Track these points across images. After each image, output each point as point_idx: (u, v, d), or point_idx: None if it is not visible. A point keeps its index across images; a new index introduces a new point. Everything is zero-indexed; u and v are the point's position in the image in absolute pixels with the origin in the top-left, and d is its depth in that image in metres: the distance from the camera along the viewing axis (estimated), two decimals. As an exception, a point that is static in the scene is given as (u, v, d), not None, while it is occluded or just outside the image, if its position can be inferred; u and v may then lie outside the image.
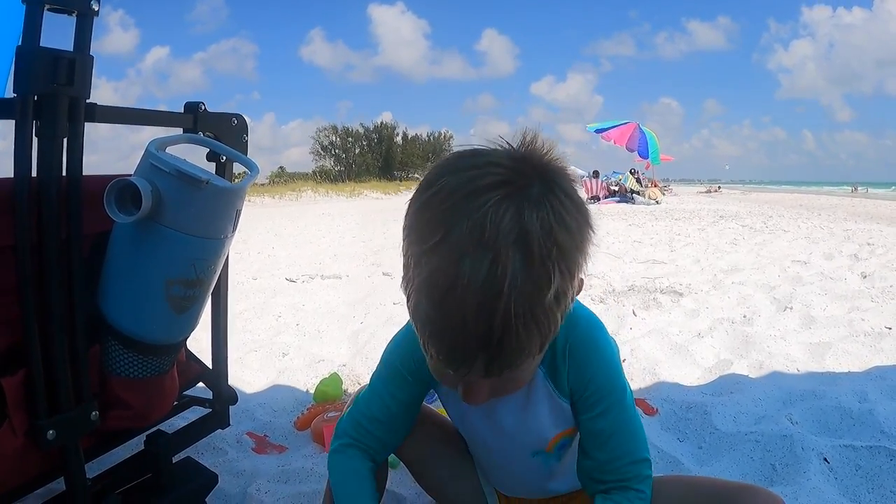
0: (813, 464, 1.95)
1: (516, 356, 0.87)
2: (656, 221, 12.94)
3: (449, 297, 0.83)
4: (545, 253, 0.83)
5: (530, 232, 0.82)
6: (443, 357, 0.90)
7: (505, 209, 0.82)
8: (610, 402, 1.15)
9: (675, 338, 3.52)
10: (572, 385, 1.15)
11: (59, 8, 1.30)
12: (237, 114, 1.77)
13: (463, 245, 0.82)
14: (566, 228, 0.86)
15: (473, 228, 0.82)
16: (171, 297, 1.47)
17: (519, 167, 0.88)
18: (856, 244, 7.99)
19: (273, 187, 38.19)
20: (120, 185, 1.36)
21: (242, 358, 3.28)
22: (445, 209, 0.85)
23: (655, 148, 24.34)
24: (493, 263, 0.81)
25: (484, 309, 0.82)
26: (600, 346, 1.16)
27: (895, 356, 3.14)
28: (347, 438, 1.32)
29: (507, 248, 0.81)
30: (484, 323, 0.82)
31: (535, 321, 0.85)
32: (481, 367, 0.88)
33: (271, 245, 9.21)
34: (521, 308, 0.82)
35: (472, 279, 0.81)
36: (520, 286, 0.82)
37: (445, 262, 0.83)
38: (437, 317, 0.86)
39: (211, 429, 1.93)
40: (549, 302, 0.85)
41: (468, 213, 0.83)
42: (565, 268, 0.86)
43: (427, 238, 0.86)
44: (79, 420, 1.39)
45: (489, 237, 0.81)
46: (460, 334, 0.85)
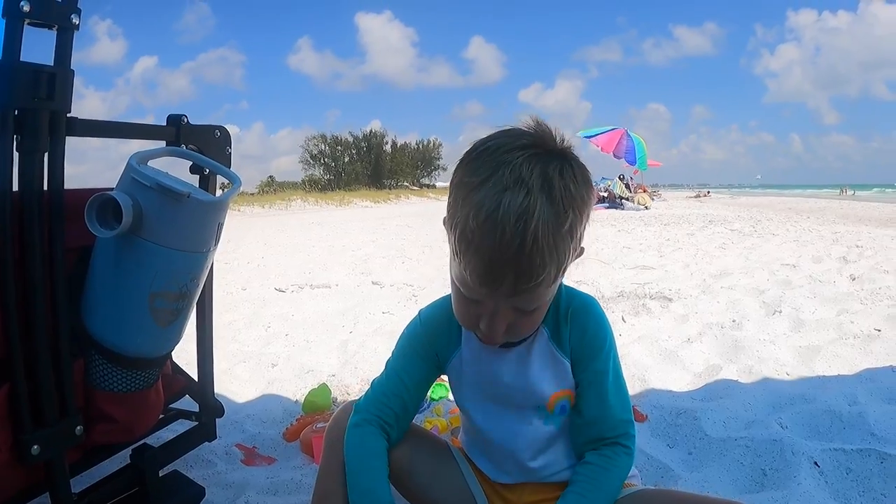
0: (803, 468, 1.94)
1: (540, 272, 1.06)
2: (645, 227, 12.95)
3: (492, 217, 1.03)
4: (562, 196, 1.06)
5: (553, 180, 1.06)
6: (479, 271, 1.07)
7: (535, 163, 1.06)
8: (602, 365, 1.32)
9: (664, 343, 3.52)
10: (573, 344, 1.32)
11: (39, 22, 1.30)
12: (220, 126, 1.76)
13: (505, 182, 1.04)
14: (577, 184, 1.09)
15: (513, 172, 1.05)
16: (154, 310, 1.47)
17: (541, 137, 1.12)
18: (844, 246, 8.01)
19: (262, 196, 38.14)
20: (101, 200, 1.35)
21: (231, 369, 3.26)
22: (490, 159, 1.08)
23: (643, 153, 24.36)
24: (527, 196, 1.03)
25: (519, 225, 1.02)
26: (596, 314, 1.34)
27: (885, 358, 3.14)
28: (365, 413, 1.40)
29: (537, 189, 1.04)
30: (519, 238, 1.02)
31: (556, 244, 1.05)
32: (511, 280, 1.07)
33: (261, 255, 9.18)
34: (547, 230, 1.03)
35: (512, 205, 1.03)
36: (545, 214, 1.03)
37: (491, 193, 1.05)
38: (480, 233, 1.04)
39: (197, 442, 1.92)
40: (565, 231, 1.06)
41: (508, 162, 1.06)
42: (577, 211, 1.09)
43: (477, 178, 1.07)
44: (63, 435, 1.38)
45: (524, 178, 1.04)
46: (498, 247, 1.03)
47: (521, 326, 1.20)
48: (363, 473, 1.35)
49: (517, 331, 1.21)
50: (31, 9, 1.24)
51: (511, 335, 1.21)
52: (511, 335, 1.21)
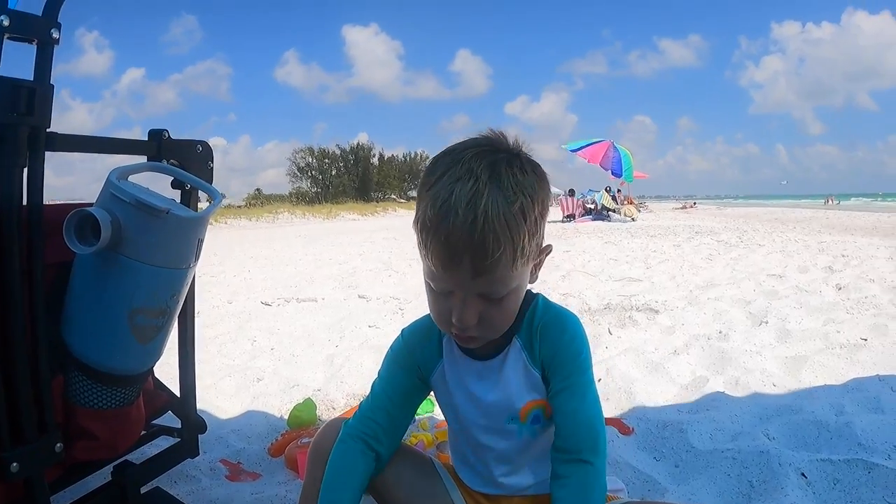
0: (791, 479, 1.94)
1: (494, 250, 1.11)
2: (632, 239, 12.98)
3: (447, 203, 1.11)
4: (510, 183, 1.13)
5: (500, 170, 1.14)
6: (440, 254, 1.14)
7: (483, 157, 1.15)
8: (573, 380, 1.32)
9: (650, 355, 3.51)
10: (543, 357, 1.33)
11: (18, 37, 1.29)
12: (202, 140, 1.75)
13: (457, 175, 1.13)
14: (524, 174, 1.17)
15: (463, 166, 1.14)
16: (134, 327, 1.45)
17: (494, 141, 1.22)
18: (830, 256, 8.04)
19: (249, 209, 38.09)
20: (79, 216, 1.34)
21: (217, 383, 3.24)
22: (445, 160, 1.18)
23: (629, 165, 24.44)
24: (476, 183, 1.11)
25: (470, 207, 1.10)
26: (570, 329, 1.34)
27: (871, 367, 3.15)
28: (351, 429, 1.42)
29: (485, 178, 1.12)
30: (470, 216, 1.09)
31: (506, 222, 1.11)
32: (469, 260, 1.12)
33: (247, 268, 9.15)
34: (495, 209, 1.10)
35: (462, 192, 1.11)
36: (494, 197, 1.11)
37: (445, 184, 1.13)
38: (436, 220, 1.12)
39: (180, 458, 1.90)
40: (515, 212, 1.12)
41: (460, 159, 1.15)
42: (526, 196, 1.14)
43: (433, 176, 1.17)
44: (43, 452, 1.37)
45: (473, 169, 1.13)
46: (452, 229, 1.10)
47: (493, 318, 1.23)
48: (331, 488, 1.38)
49: (489, 323, 1.24)
50: (10, 23, 1.23)
51: (484, 329, 1.24)
52: (484, 329, 1.24)
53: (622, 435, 2.39)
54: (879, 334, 3.76)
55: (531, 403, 1.35)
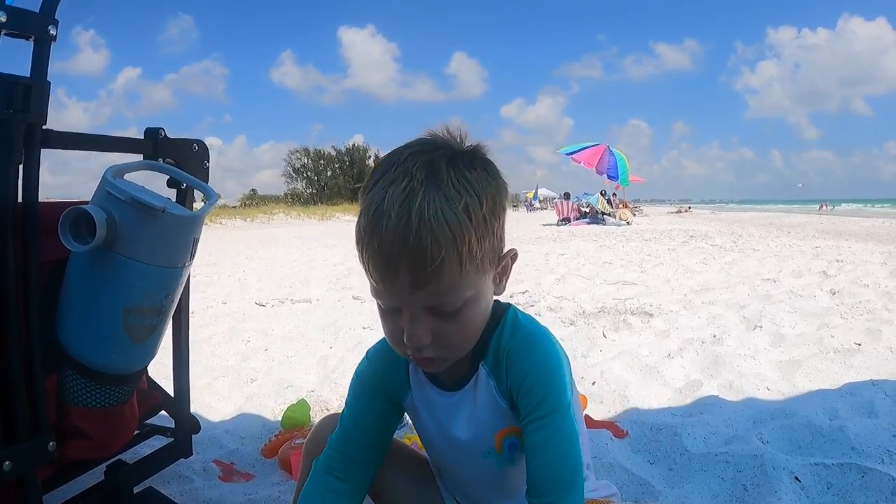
0: (784, 483, 1.94)
1: (434, 256, 1.00)
2: (627, 242, 13.00)
3: (379, 209, 1.02)
4: (451, 180, 1.03)
5: (440, 168, 1.04)
6: (373, 266, 1.05)
7: (422, 156, 1.05)
8: (546, 411, 1.16)
9: (645, 359, 3.52)
10: (511, 386, 1.19)
11: (15, 33, 1.28)
12: (198, 139, 1.75)
13: (391, 178, 1.04)
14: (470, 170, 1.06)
15: (399, 166, 1.05)
16: (129, 326, 1.45)
17: (440, 139, 1.12)
18: (825, 261, 8.06)
19: (245, 210, 38.05)
20: (74, 214, 1.34)
21: (210, 384, 3.23)
22: (383, 164, 1.08)
23: (625, 169, 24.51)
24: (411, 182, 1.02)
25: (404, 208, 1.00)
26: (540, 353, 1.20)
27: (865, 372, 3.16)
28: (321, 465, 1.33)
29: (420, 176, 1.02)
30: (404, 219, 0.99)
31: (447, 222, 1.00)
32: (407, 269, 1.01)
33: (242, 268, 9.14)
34: (432, 208, 1.00)
35: (395, 192, 1.01)
36: (431, 193, 1.01)
37: (378, 189, 1.04)
38: (369, 228, 1.03)
39: (173, 458, 1.90)
40: (458, 211, 1.01)
41: (396, 161, 1.06)
42: (473, 194, 1.04)
43: (369, 182, 1.08)
44: (36, 451, 1.36)
45: (408, 168, 1.03)
46: (386, 235, 1.00)
47: (449, 335, 1.11)
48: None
49: (446, 342, 1.11)
50: (7, 19, 1.23)
51: (441, 349, 1.12)
52: (441, 349, 1.12)
53: (616, 438, 2.39)
54: (873, 339, 3.77)
55: (504, 432, 1.25)
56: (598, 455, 2.16)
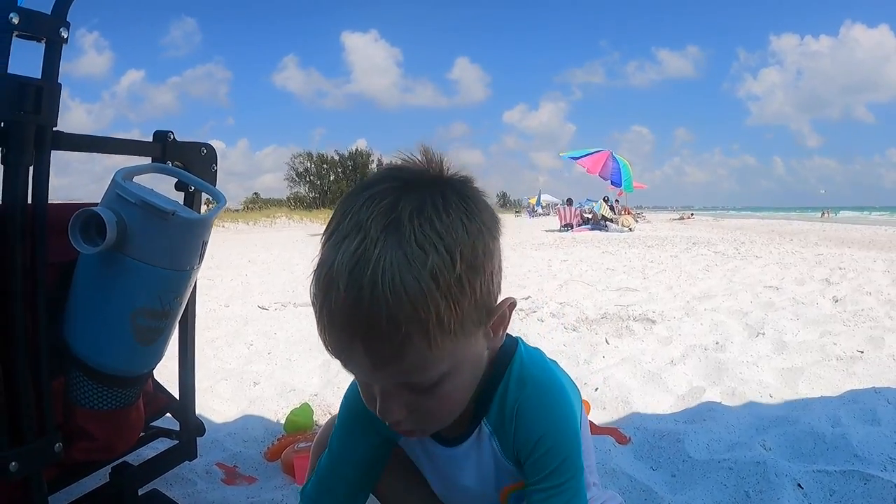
0: (787, 490, 1.94)
1: (393, 336, 0.85)
2: (629, 249, 13.00)
3: (328, 274, 0.86)
4: (418, 232, 0.85)
5: (402, 216, 0.85)
6: (329, 342, 0.91)
7: (384, 197, 0.88)
8: (560, 479, 1.05)
9: (647, 365, 3.52)
10: (520, 449, 1.08)
11: (27, 35, 1.29)
12: (206, 143, 1.76)
13: (343, 232, 0.87)
14: (442, 218, 0.87)
15: (353, 216, 0.87)
16: (136, 328, 1.45)
17: (412, 173, 0.94)
18: (827, 269, 8.06)
19: (247, 213, 38.12)
20: (84, 216, 1.34)
21: (213, 387, 3.23)
22: (339, 209, 0.92)
23: (628, 176, 24.50)
24: (365, 239, 0.84)
25: (354, 276, 0.83)
26: (556, 412, 1.07)
27: (868, 380, 3.16)
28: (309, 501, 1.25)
29: (378, 228, 0.85)
30: (354, 292, 0.83)
31: (409, 296, 0.83)
32: (362, 351, 0.87)
33: (244, 272, 9.15)
34: (390, 277, 0.82)
35: (346, 254, 0.85)
36: (389, 257, 0.83)
37: (329, 246, 0.89)
38: (320, 299, 0.89)
39: (178, 461, 1.90)
40: (423, 277, 0.83)
41: (352, 206, 0.89)
42: (443, 251, 0.85)
43: (324, 235, 0.92)
44: (42, 452, 1.37)
45: (362, 220, 0.86)
46: (335, 308, 0.86)
47: (428, 410, 0.99)
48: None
49: (426, 416, 1.00)
50: (19, 21, 1.23)
51: (420, 423, 1.01)
52: (420, 423, 1.01)
53: (619, 444, 2.39)
54: (875, 347, 3.77)
55: (509, 488, 1.17)
56: (601, 461, 2.15)
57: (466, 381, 1.00)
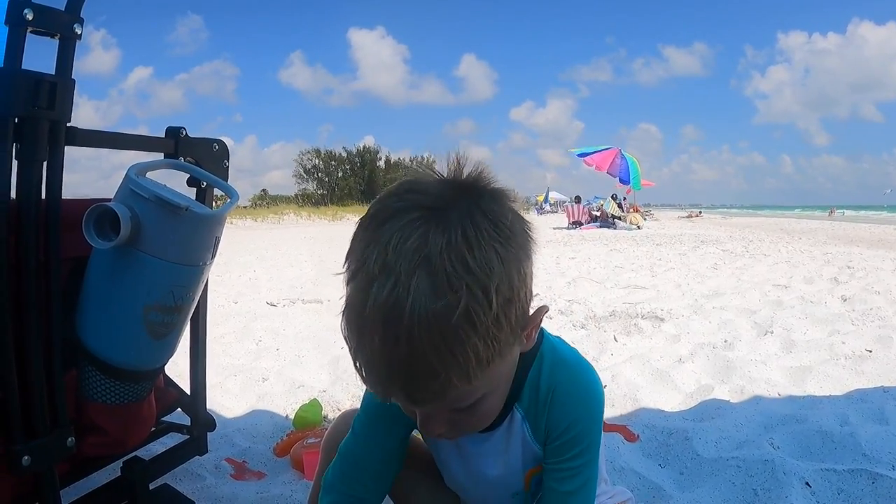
0: (795, 488, 1.94)
1: (431, 382, 0.84)
2: (637, 246, 12.98)
3: (360, 322, 0.84)
4: (451, 274, 0.81)
5: (433, 254, 0.81)
6: (370, 384, 0.90)
7: (410, 232, 0.82)
8: (581, 461, 1.10)
9: (656, 363, 3.52)
10: (549, 429, 1.11)
11: (41, 31, 1.30)
12: (218, 139, 1.76)
13: (372, 271, 0.82)
14: (479, 249, 0.83)
15: (380, 253, 0.82)
16: (149, 323, 1.46)
17: (440, 192, 0.88)
18: (836, 267, 8.04)
19: (255, 210, 38.15)
20: (99, 211, 1.35)
21: (222, 382, 3.24)
22: (364, 237, 0.87)
23: (637, 173, 24.47)
24: (395, 286, 0.80)
25: (389, 331, 0.81)
26: (588, 393, 1.11)
27: (876, 379, 3.16)
28: (335, 494, 1.25)
29: (408, 272, 0.80)
30: (390, 345, 0.82)
31: (446, 344, 0.82)
32: (402, 394, 0.88)
33: (252, 268, 9.16)
34: (427, 329, 0.80)
35: (377, 302, 0.81)
36: (423, 307, 0.80)
37: (358, 289, 0.85)
38: (356, 342, 0.87)
39: (188, 455, 1.91)
40: (459, 324, 0.81)
41: (378, 238, 0.84)
42: (479, 290, 0.82)
43: (349, 266, 0.88)
44: (55, 446, 1.37)
45: (390, 261, 0.81)
46: (373, 358, 0.85)
47: (466, 423, 1.01)
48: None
49: (464, 427, 1.02)
50: (34, 17, 1.24)
51: (458, 432, 1.03)
52: (458, 432, 1.03)
53: (627, 442, 2.40)
54: (884, 346, 3.76)
55: (533, 470, 1.19)
56: (609, 458, 2.16)
57: (503, 390, 1.02)
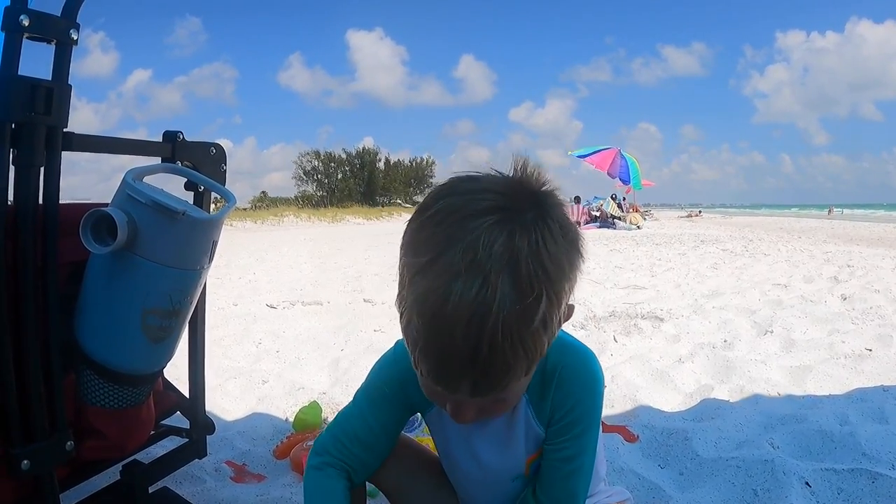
0: (794, 488, 1.94)
1: (502, 377, 0.89)
2: (637, 247, 12.97)
3: (439, 317, 0.85)
4: (533, 277, 0.84)
5: (519, 257, 0.84)
6: (432, 375, 0.92)
7: (497, 234, 0.84)
8: (584, 439, 1.16)
9: (655, 364, 3.52)
10: (554, 410, 1.15)
11: (38, 36, 1.30)
12: (216, 143, 1.76)
13: (455, 266, 0.84)
14: (554, 254, 0.87)
15: (466, 251, 0.84)
16: (147, 327, 1.46)
17: (512, 193, 0.90)
18: (835, 266, 8.05)
19: (255, 212, 38.07)
20: (96, 216, 1.35)
21: (222, 385, 3.24)
22: (440, 231, 0.88)
23: (637, 173, 24.49)
24: (483, 285, 0.83)
25: (473, 329, 0.83)
26: (591, 377, 1.16)
27: (876, 378, 3.16)
28: (327, 456, 1.26)
29: (497, 272, 0.83)
30: (472, 343, 0.84)
31: (522, 343, 0.86)
32: (468, 387, 0.90)
33: (252, 270, 9.16)
34: (509, 330, 0.84)
35: (463, 300, 0.83)
36: (508, 308, 0.83)
37: (438, 282, 0.85)
38: (427, 335, 0.88)
39: (188, 458, 1.91)
40: (536, 325, 0.86)
41: (462, 235, 0.85)
42: (553, 293, 0.87)
43: (422, 257, 0.88)
44: (54, 450, 1.38)
45: (480, 260, 0.83)
46: (448, 353, 0.86)
47: (495, 411, 1.05)
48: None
49: (490, 415, 1.06)
50: (30, 23, 1.24)
51: (483, 418, 1.06)
52: (483, 418, 1.06)
53: (627, 442, 2.40)
54: (884, 345, 3.76)
55: (532, 457, 1.23)
56: (609, 459, 2.16)
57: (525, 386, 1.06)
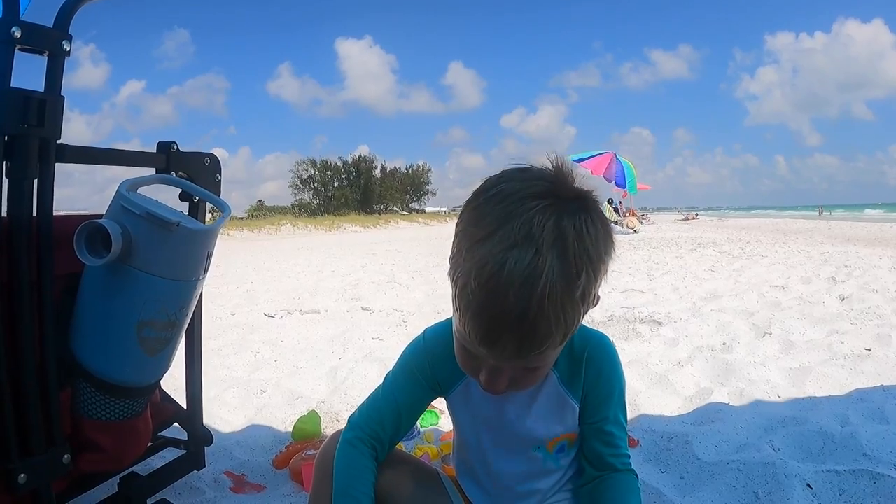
0: (796, 490, 1.94)
1: (544, 340, 1.00)
2: (634, 250, 12.97)
3: (496, 279, 0.95)
4: (577, 255, 0.97)
5: (567, 237, 0.97)
6: (480, 335, 1.01)
7: (549, 215, 0.97)
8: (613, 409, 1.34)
9: (654, 367, 3.51)
10: (587, 388, 1.31)
11: (29, 48, 1.30)
12: (210, 153, 1.76)
13: (512, 238, 0.96)
14: (595, 239, 1.01)
15: (522, 226, 0.96)
16: (143, 339, 1.46)
17: (559, 183, 1.03)
18: (833, 267, 8.05)
19: (252, 221, 38.12)
20: (90, 228, 1.35)
21: (220, 395, 3.23)
22: (500, 209, 1.00)
23: (632, 177, 24.52)
24: (536, 255, 0.95)
25: (525, 290, 0.94)
26: (613, 357, 1.34)
27: (876, 378, 3.15)
28: (360, 432, 1.37)
29: (548, 246, 0.95)
30: (523, 304, 0.95)
31: (563, 311, 0.98)
32: (514, 346, 1.00)
33: (249, 279, 9.15)
34: (554, 295, 0.95)
35: (518, 265, 0.94)
36: (555, 277, 0.95)
37: (497, 250, 0.96)
38: (482, 296, 0.97)
39: (186, 470, 1.90)
40: (576, 296, 0.98)
41: (519, 213, 0.97)
42: (591, 271, 1.00)
43: (483, 230, 0.99)
44: (51, 463, 1.37)
45: (534, 234, 0.95)
46: (500, 312, 0.97)
47: (525, 381, 1.16)
48: (348, 495, 1.32)
49: (520, 386, 1.16)
50: (22, 34, 1.24)
51: (513, 389, 1.15)
52: (513, 389, 1.15)
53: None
54: (883, 345, 3.76)
55: (558, 438, 1.34)
56: (609, 464, 2.15)
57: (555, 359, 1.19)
